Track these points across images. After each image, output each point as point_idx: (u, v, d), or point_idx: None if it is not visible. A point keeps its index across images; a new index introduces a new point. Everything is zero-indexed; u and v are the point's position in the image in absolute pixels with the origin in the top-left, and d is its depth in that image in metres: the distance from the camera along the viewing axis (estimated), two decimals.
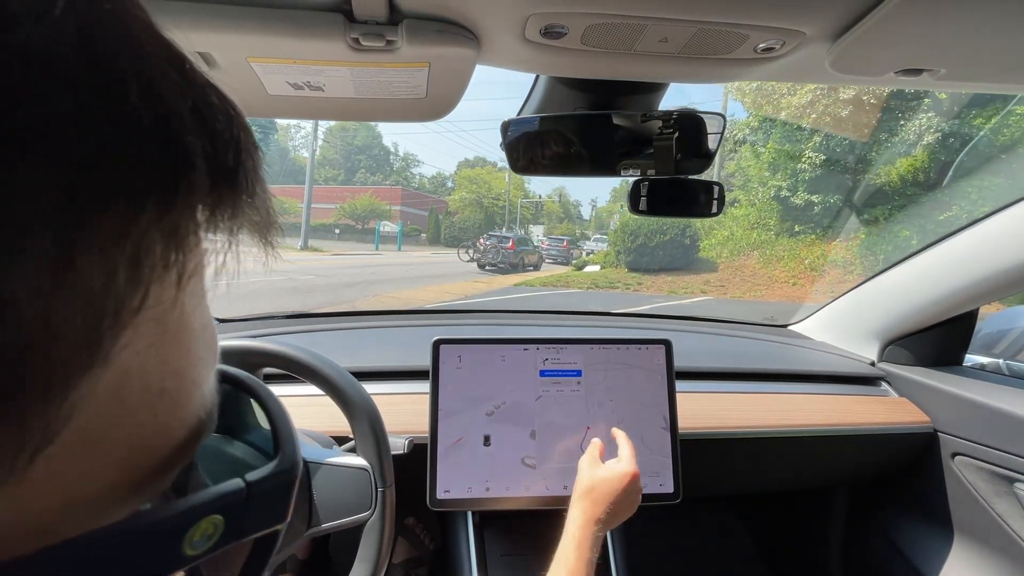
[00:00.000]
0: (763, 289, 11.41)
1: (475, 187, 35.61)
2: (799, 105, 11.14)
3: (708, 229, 14.16)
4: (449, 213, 34.67)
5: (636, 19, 0.48)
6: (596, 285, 12.41)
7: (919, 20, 0.45)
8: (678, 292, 11.61)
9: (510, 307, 1.95)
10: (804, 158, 11.30)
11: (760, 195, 12.74)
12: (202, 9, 0.45)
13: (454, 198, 37.57)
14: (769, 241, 12.52)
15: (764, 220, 12.80)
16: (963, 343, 1.20)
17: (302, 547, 1.01)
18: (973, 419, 1.03)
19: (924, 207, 9.34)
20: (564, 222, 45.44)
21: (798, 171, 11.44)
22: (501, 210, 36.53)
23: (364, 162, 47.94)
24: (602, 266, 15.30)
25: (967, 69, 0.55)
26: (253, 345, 0.67)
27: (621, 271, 14.01)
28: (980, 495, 1.02)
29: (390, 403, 0.72)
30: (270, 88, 0.58)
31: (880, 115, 10.38)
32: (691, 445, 0.96)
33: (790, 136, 11.86)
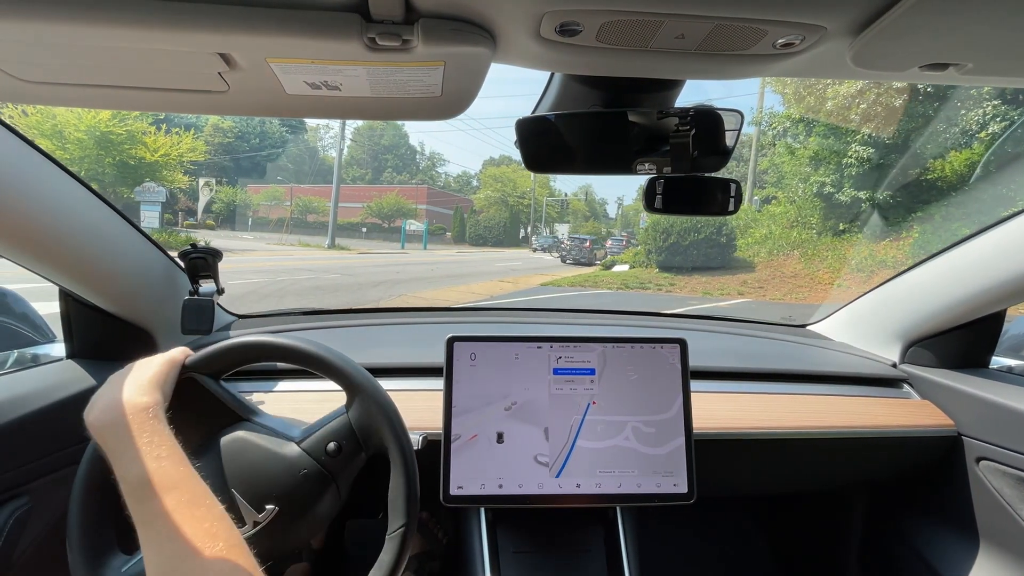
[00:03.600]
0: (805, 291, 10.80)
1: (500, 186, 35.53)
2: (847, 94, 10.45)
3: (744, 227, 13.58)
4: (474, 212, 34.73)
5: (652, 16, 0.47)
6: (626, 285, 12.02)
7: (945, 12, 0.44)
8: (713, 293, 11.11)
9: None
10: (851, 152, 10.57)
11: (801, 192, 12.10)
12: (222, 11, 0.45)
13: (479, 197, 37.60)
14: (811, 240, 11.90)
15: (805, 218, 12.19)
16: (989, 345, 1.16)
17: (318, 537, 1.04)
18: (1000, 423, 1.00)
19: (986, 203, 8.54)
20: (590, 220, 44.93)
21: (844, 166, 10.73)
22: (526, 209, 36.45)
23: (391, 161, 48.42)
24: (631, 265, 14.93)
25: (996, 63, 0.53)
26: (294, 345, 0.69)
27: (652, 271, 13.57)
28: (1006, 501, 0.99)
29: (404, 399, 0.72)
30: (288, 88, 0.58)
31: (937, 103, 9.66)
32: (706, 445, 0.95)
33: (835, 128, 11.07)
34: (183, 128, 17.23)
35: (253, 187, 31.97)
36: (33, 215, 0.72)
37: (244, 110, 0.67)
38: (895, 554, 1.19)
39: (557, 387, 0.89)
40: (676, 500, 0.87)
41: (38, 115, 13.33)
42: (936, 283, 1.11)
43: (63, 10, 0.44)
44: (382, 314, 1.40)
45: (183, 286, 1.01)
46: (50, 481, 0.79)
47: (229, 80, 0.56)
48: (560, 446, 0.87)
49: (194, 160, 17.55)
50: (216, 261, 0.98)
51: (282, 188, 32.18)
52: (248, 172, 34.74)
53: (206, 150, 23.51)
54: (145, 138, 14.99)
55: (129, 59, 0.52)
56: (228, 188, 29.27)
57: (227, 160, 33.13)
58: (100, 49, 0.50)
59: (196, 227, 24.04)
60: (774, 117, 12.71)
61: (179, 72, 0.55)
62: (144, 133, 15.04)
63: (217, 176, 30.25)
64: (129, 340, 0.98)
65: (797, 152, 11.96)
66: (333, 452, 0.68)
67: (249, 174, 34.50)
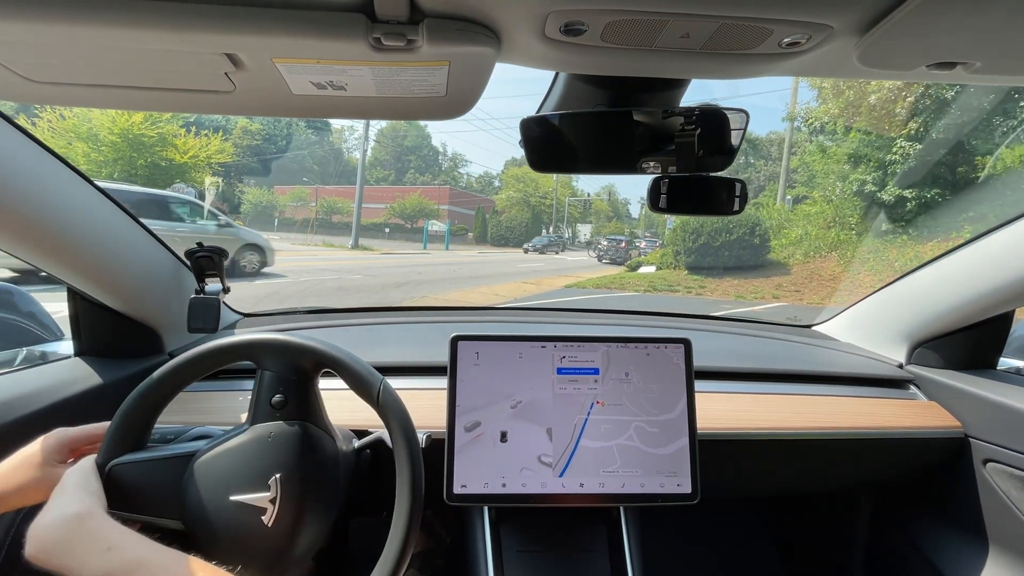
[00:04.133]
0: (846, 295, 10.08)
1: (522, 186, 35.40)
2: (892, 87, 9.81)
3: (778, 227, 12.90)
4: (496, 212, 34.64)
5: (657, 15, 0.47)
6: (654, 288, 11.42)
7: (952, 11, 0.44)
8: (747, 297, 10.50)
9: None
10: (896, 148, 9.78)
11: (839, 190, 11.30)
12: (229, 12, 0.46)
13: (501, 197, 37.51)
14: (850, 241, 11.16)
15: (844, 218, 11.41)
16: (997, 346, 1.15)
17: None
18: (1007, 425, 0.99)
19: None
20: (612, 221, 44.38)
21: (888, 163, 9.95)
22: (549, 209, 36.32)
23: (414, 162, 48.72)
24: (658, 267, 14.23)
25: (1005, 61, 0.53)
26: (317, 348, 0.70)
27: (680, 273, 12.83)
28: (1013, 503, 0.98)
29: (408, 398, 0.73)
30: (294, 88, 0.59)
31: (992, 95, 8.90)
32: (710, 445, 0.95)
33: (878, 123, 10.24)
34: (211, 130, 17.59)
35: (280, 188, 32.42)
36: (42, 213, 0.72)
37: (250, 110, 0.67)
38: (901, 555, 1.18)
39: (561, 387, 0.89)
40: (680, 500, 0.87)
41: (75, 119, 13.70)
42: (943, 284, 1.10)
43: (71, 11, 0.45)
44: (386, 313, 1.41)
45: (189, 285, 1.01)
46: None
47: (235, 80, 0.57)
48: (563, 445, 0.87)
49: (222, 161, 17.83)
50: (222, 260, 0.98)
51: (308, 189, 32.60)
52: (275, 173, 35.29)
53: (234, 151, 23.85)
54: (176, 140, 15.36)
55: (136, 59, 0.53)
56: (256, 189, 29.82)
57: (255, 161, 33.64)
58: (108, 50, 0.51)
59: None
60: (810, 112, 11.92)
61: (186, 72, 0.56)
62: (175, 135, 15.41)
63: (244, 177, 30.83)
64: (136, 338, 0.99)
65: (830, 150, 11.42)
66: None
67: (276, 175, 35.04)
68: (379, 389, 0.70)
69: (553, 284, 12.13)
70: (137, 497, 0.64)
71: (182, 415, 0.90)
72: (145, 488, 0.65)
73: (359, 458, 0.76)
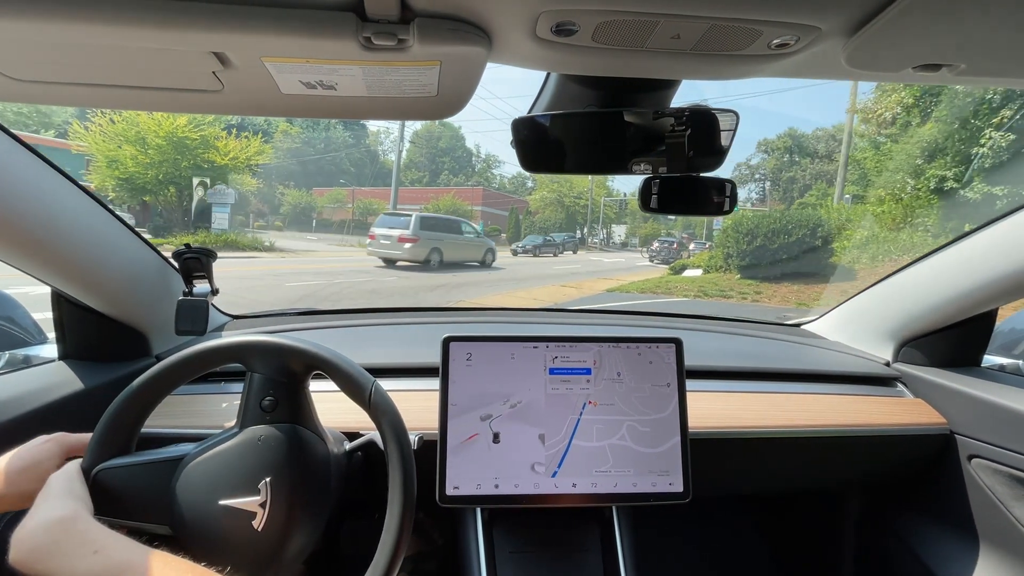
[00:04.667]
0: None
1: (556, 186, 35.01)
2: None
3: (840, 228, 11.64)
4: (530, 213, 34.36)
5: (648, 16, 0.47)
6: (704, 293, 10.56)
7: (938, 14, 0.45)
8: (809, 304, 9.63)
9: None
10: (984, 140, 8.71)
11: (911, 188, 10.14)
12: (216, 10, 0.45)
13: (534, 198, 37.22)
14: (926, 244, 9.47)
15: (917, 218, 10.29)
16: (981, 343, 1.17)
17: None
18: (991, 421, 1.01)
19: None
20: (649, 222, 43.08)
21: (973, 156, 8.89)
22: (583, 209, 36.05)
23: (447, 164, 48.79)
24: (705, 270, 13.15)
25: (988, 64, 0.54)
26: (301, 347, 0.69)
27: (732, 277, 11.75)
28: (998, 499, 1.00)
29: (401, 399, 0.72)
30: (283, 87, 0.58)
31: None
32: (701, 444, 0.95)
33: (959, 111, 9.21)
34: (252, 132, 17.79)
35: (318, 190, 32.68)
36: (24, 214, 0.71)
37: (238, 110, 0.67)
38: (890, 551, 1.20)
39: (553, 387, 0.89)
40: (672, 499, 0.87)
41: (124, 123, 13.97)
42: (928, 282, 1.12)
43: (56, 8, 0.44)
44: (378, 314, 1.40)
45: (177, 286, 1.00)
46: None
47: (223, 79, 0.56)
48: (556, 446, 0.87)
49: (261, 163, 18.01)
50: (210, 261, 0.97)
51: (344, 191, 32.77)
52: (313, 175, 35.63)
53: (272, 153, 24.16)
54: (217, 143, 15.60)
55: (122, 58, 0.52)
56: (295, 191, 30.11)
57: (294, 163, 33.89)
58: (93, 48, 0.50)
59: (266, 228, 24.72)
60: (881, 100, 10.94)
61: (173, 71, 0.55)
62: (216, 138, 15.64)
63: (284, 180, 31.22)
64: (122, 341, 0.97)
65: (883, 147, 10.52)
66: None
67: (314, 177, 35.36)
68: (371, 391, 0.69)
69: (594, 288, 11.40)
70: (124, 502, 0.63)
71: (171, 418, 0.89)
72: (132, 493, 0.64)
73: (350, 460, 0.76)
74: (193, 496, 0.64)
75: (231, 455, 0.66)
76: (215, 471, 0.65)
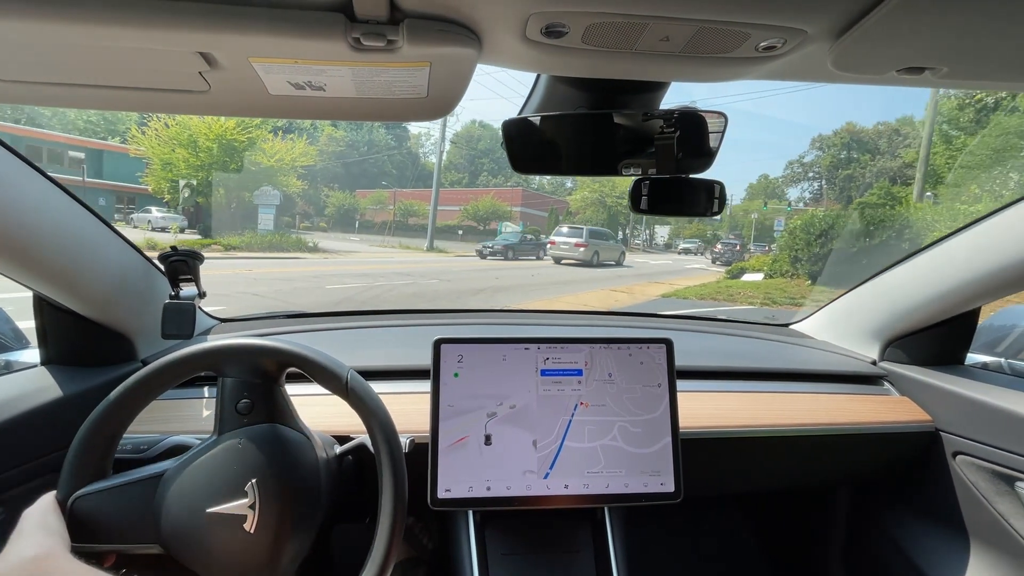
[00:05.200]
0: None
1: (598, 186, 34.07)
2: None
3: (927, 228, 9.89)
4: (570, 213, 34.03)
5: (637, 18, 0.47)
6: (772, 301, 9.52)
7: (920, 18, 0.45)
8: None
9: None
10: None
11: (1014, 183, 9.11)
12: (203, 9, 0.45)
13: (575, 198, 36.80)
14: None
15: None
16: (964, 342, 1.19)
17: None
18: (975, 418, 1.03)
19: None
20: (694, 222, 41.72)
21: None
22: (626, 210, 35.69)
23: (487, 165, 48.87)
24: (767, 274, 12.09)
25: (969, 67, 0.55)
26: (278, 347, 0.68)
27: (801, 283, 10.69)
28: (982, 494, 1.02)
29: (391, 402, 0.72)
30: (271, 88, 0.58)
31: None
32: (692, 444, 0.96)
33: None
34: (297, 133, 18.36)
35: (361, 192, 32.91)
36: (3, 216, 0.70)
37: (226, 110, 0.66)
38: (878, 547, 1.21)
39: (545, 388, 0.89)
40: (663, 499, 0.88)
41: (177, 127, 14.49)
42: (913, 282, 1.14)
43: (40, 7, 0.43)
44: (368, 316, 1.39)
45: (164, 290, 0.99)
46: (26, 491, 0.77)
47: (210, 80, 0.55)
48: (548, 447, 0.87)
49: (305, 164, 18.52)
50: (197, 264, 0.96)
51: (386, 192, 32.95)
52: (356, 178, 35.98)
53: (317, 156, 24.48)
54: (264, 144, 16.08)
55: (107, 58, 0.51)
56: (339, 193, 30.40)
57: (338, 166, 34.17)
58: (77, 47, 0.49)
59: (311, 229, 24.96)
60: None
61: (158, 71, 0.54)
62: (263, 140, 16.13)
63: (329, 182, 31.67)
64: (107, 345, 0.95)
65: (954, 141, 9.64)
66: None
67: (358, 179, 35.71)
68: (347, 378, 0.68)
69: (646, 292, 10.58)
70: (107, 527, 0.61)
71: (154, 424, 0.87)
72: (114, 517, 0.62)
73: (341, 464, 0.75)
74: (179, 510, 0.62)
75: (213, 463, 0.65)
76: (198, 481, 0.64)
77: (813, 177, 38.23)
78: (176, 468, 0.65)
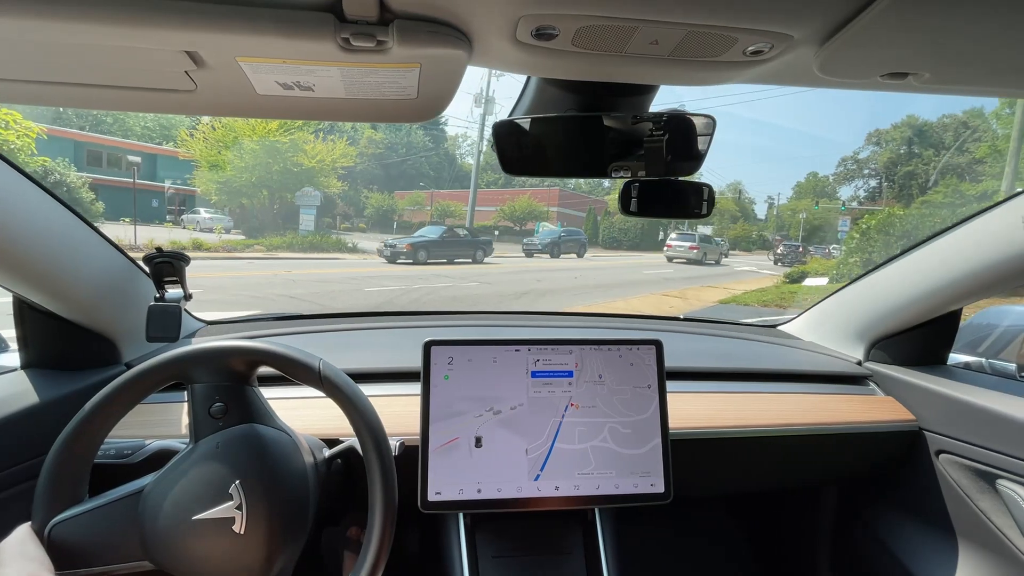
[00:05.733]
0: None
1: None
2: None
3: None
4: (608, 213, 33.32)
5: (627, 21, 0.48)
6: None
7: (904, 24, 0.46)
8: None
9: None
10: None
11: None
12: (190, 8, 0.44)
13: (613, 198, 35.78)
14: None
15: None
16: (947, 342, 1.22)
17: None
18: (957, 417, 1.05)
19: None
20: (739, 222, 39.14)
21: None
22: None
23: None
24: (832, 279, 10.82)
25: (951, 72, 0.56)
26: (260, 347, 0.67)
27: None
28: (964, 492, 1.03)
29: (381, 405, 0.71)
30: (259, 88, 0.57)
31: None
32: (681, 445, 0.96)
33: None
34: (337, 135, 18.46)
35: (399, 193, 32.70)
36: None
37: (212, 110, 0.65)
38: (864, 546, 1.23)
39: (535, 390, 0.89)
40: (653, 500, 0.88)
41: (223, 129, 14.85)
42: (897, 283, 1.16)
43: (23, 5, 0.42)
44: (357, 318, 1.38)
45: (148, 291, 0.97)
46: (5, 498, 0.75)
47: (196, 79, 0.55)
48: (539, 449, 0.87)
49: (345, 165, 18.78)
50: (183, 265, 0.94)
51: (423, 194, 32.74)
52: (395, 179, 35.95)
53: (357, 157, 24.64)
54: (305, 146, 16.28)
55: (92, 56, 0.50)
56: (377, 194, 30.51)
57: (376, 167, 34.44)
58: (63, 46, 0.48)
59: (351, 230, 24.99)
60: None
61: (144, 70, 0.53)
62: (305, 142, 16.35)
63: (368, 184, 31.62)
64: (90, 348, 0.94)
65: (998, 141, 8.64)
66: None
67: (396, 181, 35.66)
68: (319, 368, 0.67)
69: (701, 297, 9.74)
70: (90, 551, 0.60)
71: (138, 428, 0.86)
72: (97, 539, 0.60)
73: (330, 468, 0.74)
74: (164, 522, 0.61)
75: (193, 470, 0.63)
76: (180, 491, 0.62)
77: (869, 174, 35.44)
78: (156, 481, 0.64)
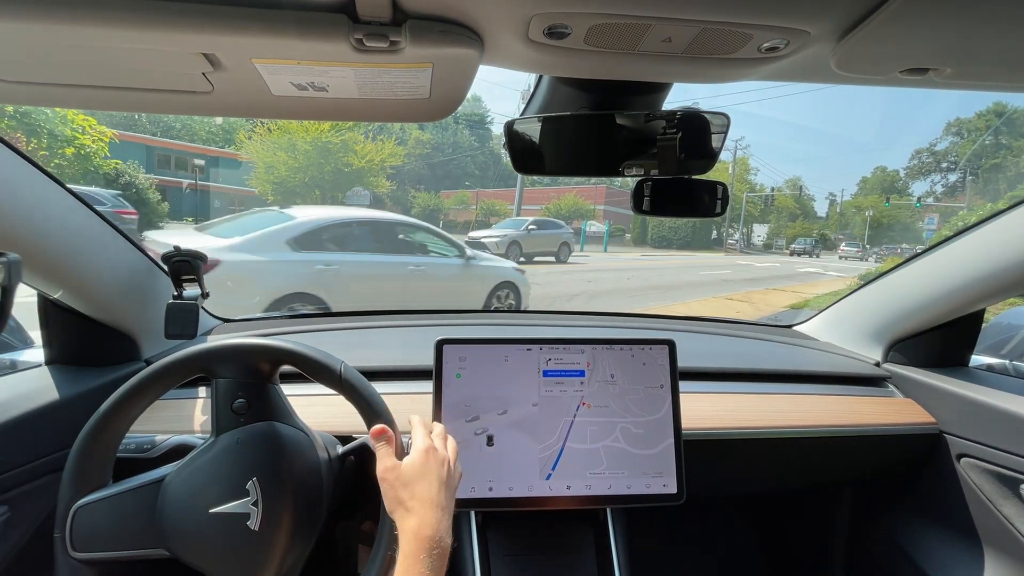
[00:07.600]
0: None
1: None
2: None
3: None
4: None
5: (640, 19, 0.47)
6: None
7: (924, 19, 0.45)
8: None
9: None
10: None
11: None
12: (207, 11, 0.45)
13: None
14: None
15: None
16: (969, 343, 1.19)
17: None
18: (979, 420, 1.02)
19: None
20: (798, 220, 37.17)
21: None
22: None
23: None
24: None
25: (973, 68, 0.54)
26: (280, 345, 0.68)
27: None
28: (986, 497, 1.01)
29: (393, 403, 0.72)
30: (274, 89, 0.58)
31: None
32: (694, 446, 0.95)
33: None
34: (385, 135, 19.08)
35: (445, 192, 33.04)
36: (9, 217, 0.70)
37: (228, 111, 0.66)
38: (880, 549, 1.21)
39: (547, 389, 0.89)
40: (666, 501, 0.87)
41: (278, 131, 15.48)
42: (917, 283, 1.13)
43: (44, 9, 0.43)
44: (370, 317, 1.39)
45: (167, 290, 0.99)
46: (29, 490, 0.77)
47: (213, 81, 0.56)
48: (550, 448, 0.87)
49: (394, 164, 19.43)
50: (200, 264, 0.96)
51: (469, 193, 32.93)
52: (441, 179, 36.54)
53: (404, 157, 25.46)
54: (356, 146, 16.84)
55: (111, 59, 0.51)
56: (424, 194, 30.90)
57: (423, 167, 34.98)
58: (81, 48, 0.49)
59: None
60: None
61: (162, 72, 0.54)
62: (355, 142, 16.91)
63: (416, 184, 32.47)
64: (111, 345, 0.96)
65: None
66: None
67: (442, 180, 36.22)
68: (340, 370, 0.68)
69: (768, 301, 9.05)
70: (111, 535, 0.62)
71: (158, 423, 0.88)
72: (117, 524, 0.62)
73: (344, 464, 0.75)
74: (183, 513, 0.63)
75: (212, 464, 0.65)
76: (199, 483, 0.64)
77: (947, 168, 32.59)
78: (176, 472, 0.65)
